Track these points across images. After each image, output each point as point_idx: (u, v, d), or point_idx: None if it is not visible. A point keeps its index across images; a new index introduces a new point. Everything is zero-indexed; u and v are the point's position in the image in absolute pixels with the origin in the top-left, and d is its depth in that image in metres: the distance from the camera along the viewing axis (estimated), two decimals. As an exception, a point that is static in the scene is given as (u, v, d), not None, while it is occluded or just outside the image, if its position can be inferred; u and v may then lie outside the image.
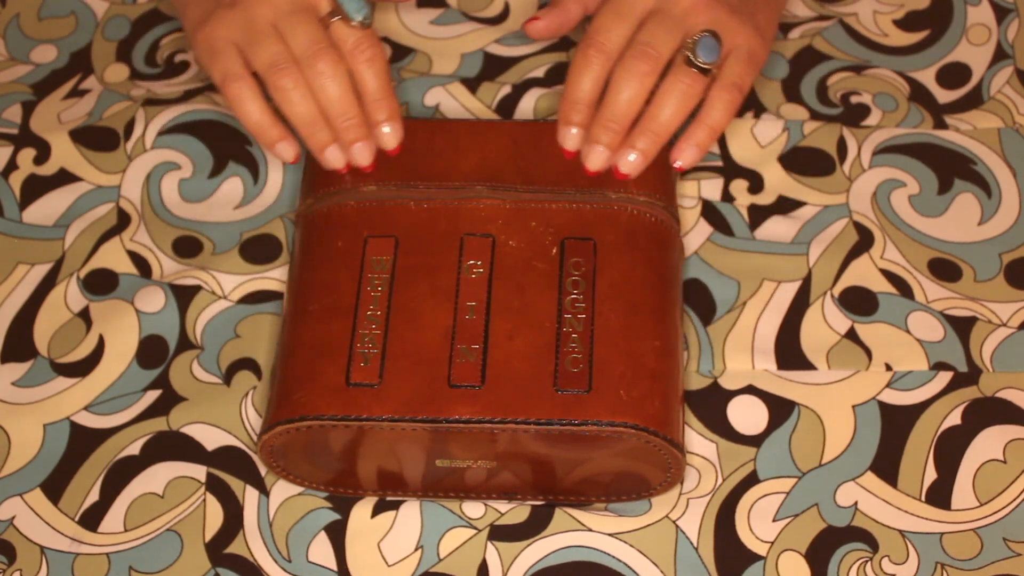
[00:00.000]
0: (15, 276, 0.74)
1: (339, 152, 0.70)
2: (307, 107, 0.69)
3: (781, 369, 0.70)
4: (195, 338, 0.72)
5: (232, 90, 0.69)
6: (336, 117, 0.69)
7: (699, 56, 0.68)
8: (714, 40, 0.68)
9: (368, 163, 0.70)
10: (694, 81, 0.68)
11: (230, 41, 0.69)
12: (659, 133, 0.69)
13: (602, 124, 0.69)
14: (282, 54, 0.68)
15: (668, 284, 0.67)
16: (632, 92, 0.68)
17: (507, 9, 0.83)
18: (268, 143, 0.70)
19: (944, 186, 0.76)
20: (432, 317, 0.65)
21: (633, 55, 0.68)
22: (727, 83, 0.69)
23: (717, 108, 0.69)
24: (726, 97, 0.69)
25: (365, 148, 0.70)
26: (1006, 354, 0.70)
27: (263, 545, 0.66)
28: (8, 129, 0.79)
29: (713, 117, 0.69)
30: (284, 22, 0.69)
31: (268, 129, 0.70)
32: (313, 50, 0.68)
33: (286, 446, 0.64)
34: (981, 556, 0.65)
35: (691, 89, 0.68)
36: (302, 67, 0.68)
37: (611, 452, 0.63)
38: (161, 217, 0.76)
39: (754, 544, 0.65)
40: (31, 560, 0.66)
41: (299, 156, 0.71)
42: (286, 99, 0.69)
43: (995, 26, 0.81)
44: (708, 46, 0.68)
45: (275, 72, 0.68)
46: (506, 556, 0.65)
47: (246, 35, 0.69)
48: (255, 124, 0.70)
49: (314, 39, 0.68)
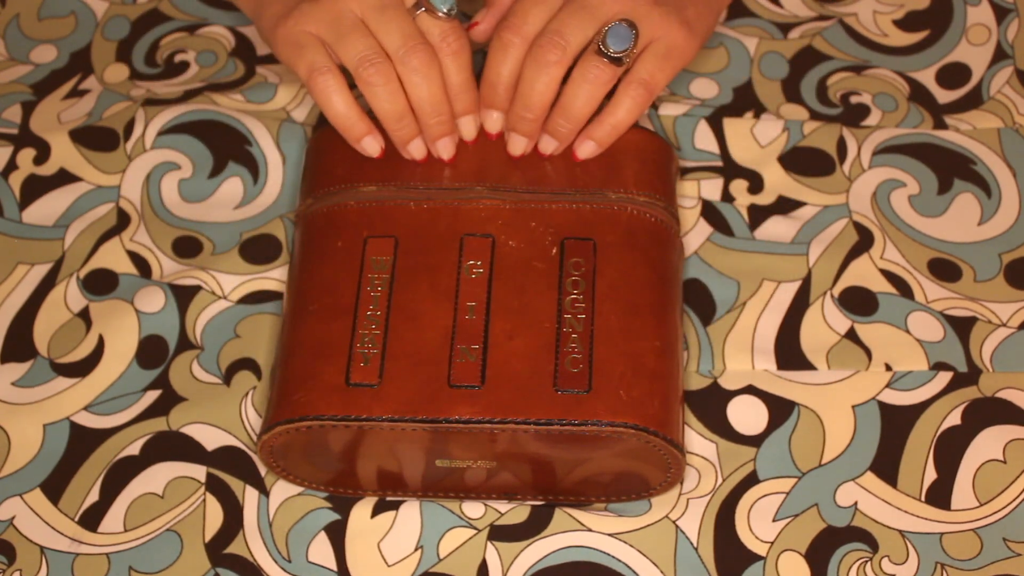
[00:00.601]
0: (15, 276, 0.74)
1: (422, 145, 0.70)
2: (396, 103, 0.68)
3: (781, 369, 0.70)
4: (195, 338, 0.72)
5: (319, 83, 0.68)
6: (427, 115, 0.69)
7: (609, 45, 0.67)
8: (627, 29, 0.68)
9: (450, 156, 0.70)
10: (603, 70, 0.68)
11: (315, 35, 0.69)
12: (570, 122, 0.69)
13: (517, 114, 0.69)
14: (373, 48, 0.68)
15: (668, 284, 0.67)
16: (541, 83, 0.68)
17: (507, 9, 0.83)
18: (355, 138, 0.70)
19: (944, 186, 0.76)
20: (432, 317, 0.65)
21: (541, 44, 0.68)
22: (636, 79, 0.69)
23: (622, 106, 0.69)
24: (632, 93, 0.69)
25: (449, 143, 0.70)
26: (1006, 354, 0.70)
27: (263, 545, 0.66)
28: (8, 129, 0.79)
29: (616, 115, 0.69)
30: (373, 17, 0.68)
31: (355, 123, 0.69)
32: (408, 46, 0.68)
33: (286, 446, 0.64)
34: (981, 556, 0.65)
35: (599, 78, 0.68)
36: (396, 63, 0.68)
37: (611, 452, 0.63)
38: (161, 217, 0.76)
39: (754, 544, 0.65)
40: (31, 560, 0.66)
41: (384, 151, 0.70)
42: (375, 95, 0.68)
43: (995, 26, 0.81)
44: (618, 34, 0.67)
45: (366, 67, 0.68)
46: (506, 556, 0.65)
47: (333, 29, 0.68)
48: (342, 118, 0.69)
49: (408, 34, 0.68)
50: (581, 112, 0.69)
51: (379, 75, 0.68)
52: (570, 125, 0.69)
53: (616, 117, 0.69)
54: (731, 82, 0.79)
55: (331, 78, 0.68)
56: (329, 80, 0.68)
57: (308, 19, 0.69)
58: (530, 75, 0.68)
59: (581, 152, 0.70)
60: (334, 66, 0.69)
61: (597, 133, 0.70)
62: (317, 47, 0.69)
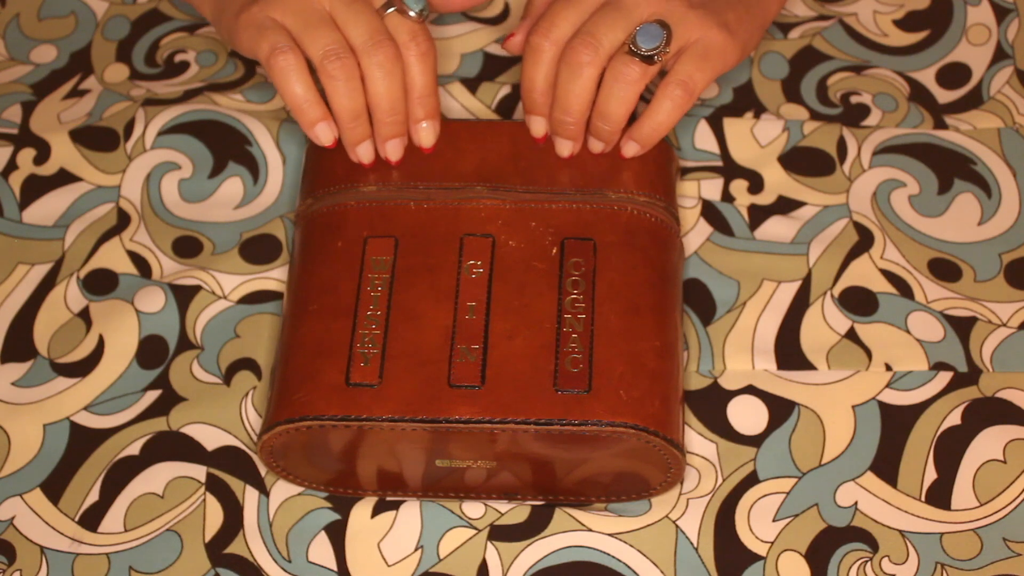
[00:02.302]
0: (15, 276, 0.74)
1: (371, 148, 0.70)
2: (355, 101, 0.68)
3: (781, 369, 0.70)
4: (195, 338, 0.72)
5: (280, 62, 0.67)
6: (383, 112, 0.69)
7: (639, 44, 0.67)
8: (657, 28, 0.67)
9: (398, 159, 0.70)
10: (633, 69, 0.67)
11: (279, 22, 0.68)
12: (608, 123, 0.69)
13: (557, 119, 0.69)
14: (339, 42, 0.67)
15: (668, 284, 0.67)
16: (577, 85, 0.68)
17: (507, 9, 0.83)
18: (309, 122, 0.69)
19: (944, 186, 0.76)
20: (432, 317, 0.65)
21: (573, 45, 0.68)
22: (674, 80, 0.69)
23: (661, 107, 0.69)
24: (670, 94, 0.69)
25: (399, 144, 0.70)
26: (1006, 354, 0.70)
27: (263, 545, 0.66)
28: (8, 129, 0.79)
29: (656, 117, 0.69)
30: (341, 10, 0.68)
31: (311, 107, 0.68)
32: (374, 40, 0.67)
33: (286, 446, 0.64)
34: (981, 556, 0.65)
35: (629, 76, 0.68)
36: (360, 56, 0.68)
37: (611, 452, 0.63)
38: (161, 217, 0.76)
39: (754, 544, 0.65)
40: (31, 560, 0.66)
41: (336, 141, 0.70)
42: (336, 89, 0.67)
43: (995, 26, 0.81)
44: (648, 33, 0.67)
45: (331, 60, 0.67)
46: (506, 556, 0.65)
47: (300, 20, 0.68)
48: (299, 99, 0.68)
49: (375, 30, 0.68)
50: (617, 112, 0.68)
51: (342, 70, 0.67)
52: (609, 126, 0.69)
53: (656, 119, 0.69)
54: (731, 82, 0.79)
55: (292, 57, 0.67)
56: (290, 59, 0.67)
57: (275, 7, 0.68)
58: (565, 79, 0.68)
59: (626, 152, 0.71)
60: (296, 48, 0.68)
61: (638, 134, 0.70)
62: (280, 31, 0.68)
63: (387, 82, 0.68)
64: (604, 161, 0.71)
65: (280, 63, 0.67)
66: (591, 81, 0.68)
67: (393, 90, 0.68)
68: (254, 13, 0.69)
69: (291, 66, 0.67)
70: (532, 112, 0.70)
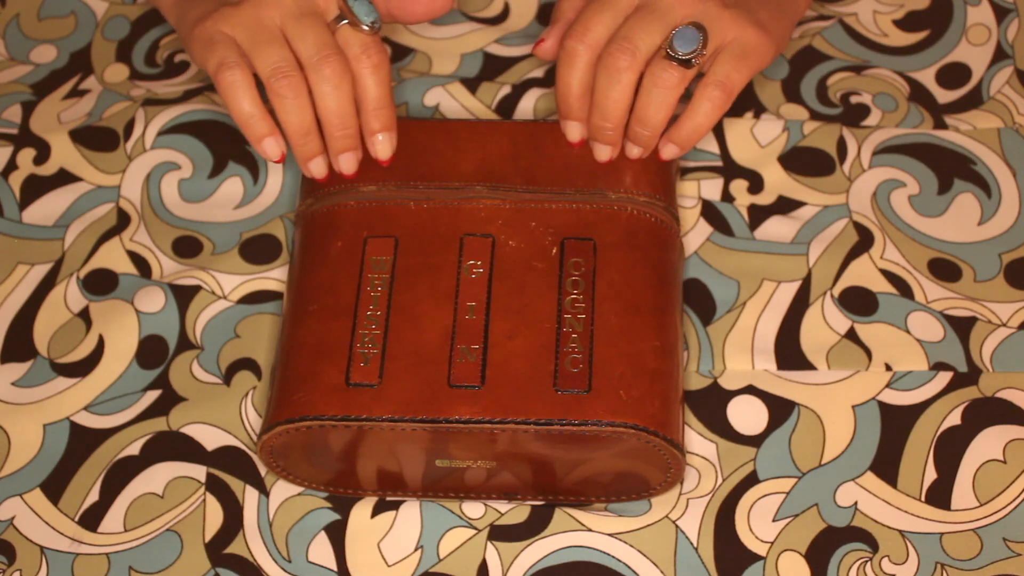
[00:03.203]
0: (15, 276, 0.74)
1: (324, 163, 0.70)
2: (304, 118, 0.68)
3: (781, 369, 0.70)
4: (195, 338, 0.72)
5: (227, 77, 0.67)
6: (333, 127, 0.68)
7: (676, 48, 0.67)
8: (694, 31, 0.67)
9: (352, 172, 0.70)
10: (671, 74, 0.67)
11: (230, 37, 0.68)
12: (647, 128, 0.69)
13: (596, 124, 0.69)
14: (287, 60, 0.67)
15: (668, 284, 0.67)
16: (615, 91, 0.68)
17: (507, 9, 0.83)
18: (256, 137, 0.68)
19: (944, 186, 0.76)
20: (432, 317, 0.65)
21: (610, 50, 0.68)
22: (712, 81, 0.68)
23: (700, 109, 0.69)
24: (709, 95, 0.68)
25: (352, 158, 0.70)
26: (1006, 354, 0.70)
27: (263, 545, 0.66)
28: (8, 129, 0.79)
29: (695, 119, 0.69)
30: (291, 25, 0.68)
31: (257, 122, 0.68)
32: (322, 55, 0.67)
33: (286, 446, 0.64)
34: (981, 556, 0.65)
35: (668, 81, 0.67)
36: (307, 71, 0.68)
37: (611, 452, 0.63)
38: (161, 217, 0.76)
39: (754, 544, 0.65)
40: (31, 560, 0.66)
41: (284, 156, 0.69)
42: (284, 107, 0.67)
43: (995, 26, 0.81)
44: (685, 36, 0.67)
45: (278, 79, 0.67)
46: (506, 556, 0.65)
47: (251, 36, 0.68)
48: (245, 116, 0.68)
49: (323, 43, 0.67)
50: (656, 117, 0.68)
51: (290, 88, 0.67)
52: (648, 131, 0.69)
53: (695, 120, 0.69)
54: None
55: (239, 73, 0.67)
56: (237, 75, 0.67)
57: (227, 21, 0.68)
58: (603, 84, 0.68)
59: (664, 154, 0.71)
60: (244, 63, 0.68)
61: (678, 136, 0.70)
62: (230, 46, 0.68)
63: (335, 96, 0.67)
64: (604, 161, 0.71)
65: (227, 79, 0.67)
66: (630, 86, 0.68)
67: (342, 104, 0.68)
68: (207, 27, 0.69)
69: (237, 82, 0.67)
70: (568, 117, 0.70)
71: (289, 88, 0.67)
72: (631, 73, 0.67)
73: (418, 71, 0.80)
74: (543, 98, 0.78)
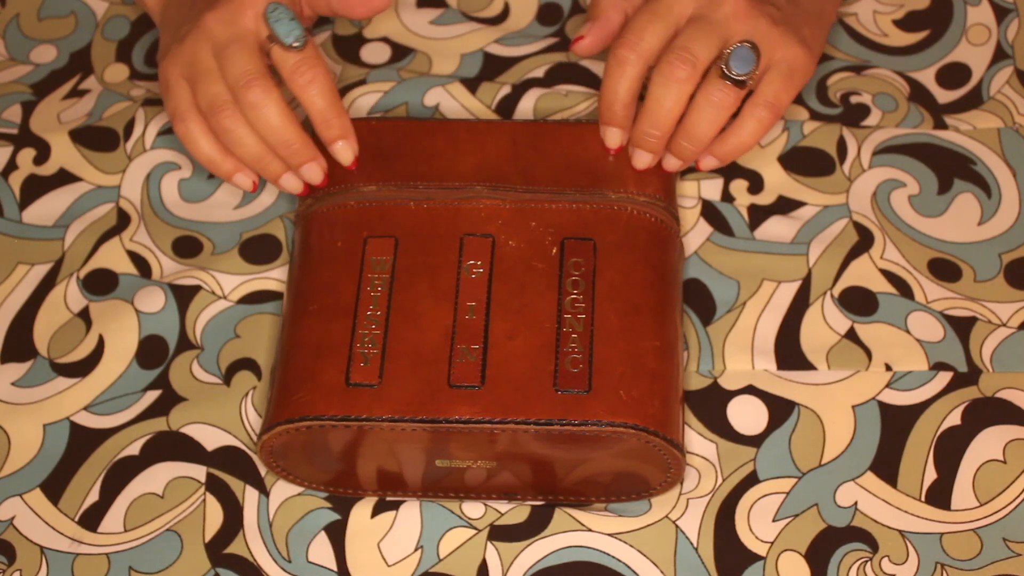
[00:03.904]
0: (15, 276, 0.74)
1: (294, 178, 0.71)
2: (252, 143, 0.69)
3: (781, 369, 0.70)
4: (195, 338, 0.72)
5: (180, 130, 0.69)
6: (278, 146, 0.69)
7: (732, 68, 0.67)
8: (750, 52, 0.68)
9: (319, 181, 0.70)
10: (727, 94, 0.68)
11: (181, 77, 0.70)
12: (694, 144, 0.69)
13: (644, 131, 0.69)
14: (220, 95, 0.68)
15: (668, 284, 0.67)
16: (671, 100, 0.68)
17: (507, 9, 0.83)
18: (225, 176, 0.70)
19: (944, 186, 0.76)
20: (432, 317, 0.65)
21: (670, 60, 0.67)
22: (762, 101, 0.69)
23: (746, 127, 0.69)
24: (758, 115, 0.69)
25: (312, 168, 0.70)
26: (1006, 354, 0.70)
27: (263, 545, 0.66)
28: (8, 129, 0.79)
29: (741, 136, 0.70)
30: (222, 55, 0.68)
31: (220, 164, 0.70)
32: (243, 83, 0.67)
33: (286, 446, 0.64)
34: (981, 556, 0.65)
35: (723, 102, 0.68)
36: (236, 102, 0.68)
37: (611, 452, 0.63)
38: (161, 217, 0.76)
39: (754, 544, 0.65)
40: (31, 560, 0.66)
41: (257, 184, 0.71)
42: (231, 140, 0.68)
43: (995, 26, 0.81)
44: (742, 57, 0.68)
45: (215, 114, 0.68)
46: (506, 556, 0.65)
47: (191, 72, 0.69)
48: (206, 160, 0.70)
49: (244, 71, 0.68)
50: (705, 135, 0.69)
51: (229, 120, 0.68)
52: (693, 147, 0.69)
53: (740, 138, 0.70)
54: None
55: (191, 125, 0.69)
56: (190, 127, 0.69)
57: (174, 61, 0.70)
58: (659, 92, 0.68)
59: (704, 166, 0.71)
60: (195, 110, 0.69)
61: (721, 151, 0.71)
62: (181, 90, 0.69)
63: (264, 120, 0.68)
64: (604, 161, 0.71)
65: (180, 131, 0.69)
66: (685, 97, 0.68)
67: (274, 126, 0.68)
68: (164, 68, 0.70)
69: (190, 132, 0.69)
70: (611, 124, 0.70)
71: (228, 120, 0.68)
72: (689, 84, 0.68)
73: (418, 71, 0.80)
74: (543, 98, 0.78)
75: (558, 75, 0.79)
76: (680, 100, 0.68)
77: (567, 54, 0.80)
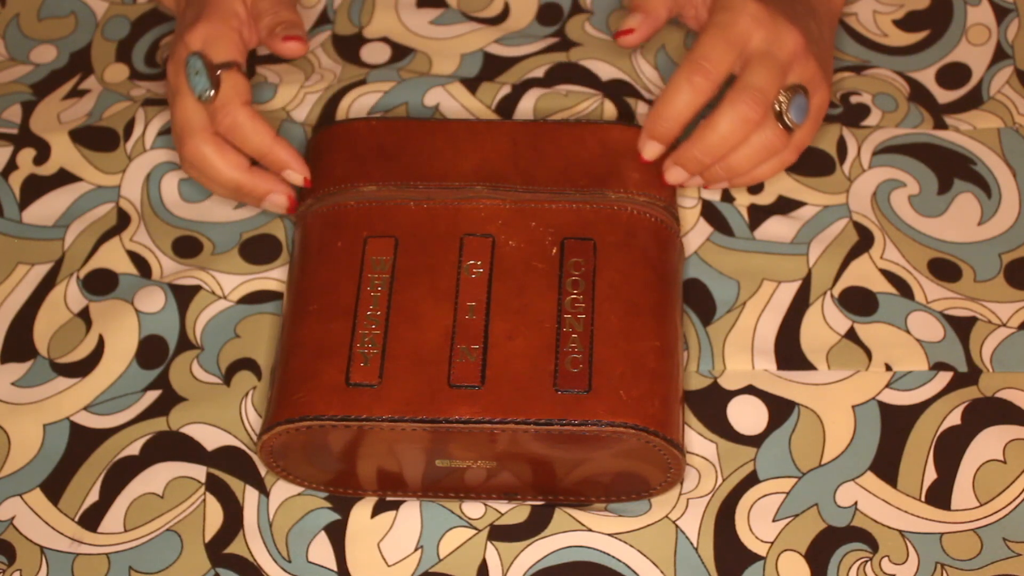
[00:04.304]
0: (15, 276, 0.74)
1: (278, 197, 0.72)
2: (219, 187, 0.72)
3: (781, 369, 0.70)
4: (195, 338, 0.72)
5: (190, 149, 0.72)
6: (230, 195, 0.72)
7: (792, 117, 0.69)
8: (806, 101, 0.69)
9: (286, 208, 0.72)
10: (779, 137, 0.70)
11: None
12: (729, 175, 0.71)
13: (694, 156, 0.70)
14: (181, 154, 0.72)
15: (668, 284, 0.67)
16: (735, 136, 0.69)
17: (507, 9, 0.83)
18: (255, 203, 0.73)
19: (944, 186, 0.76)
20: (432, 317, 0.65)
21: (745, 99, 0.68)
22: (794, 145, 0.71)
23: (771, 165, 0.72)
24: (785, 157, 0.72)
25: (278, 196, 0.72)
26: (1006, 354, 0.70)
27: (263, 545, 0.66)
28: (8, 129, 0.79)
29: (763, 173, 0.72)
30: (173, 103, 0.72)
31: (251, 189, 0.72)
32: (177, 142, 0.72)
33: (286, 446, 0.64)
34: (981, 556, 0.65)
35: (774, 145, 0.70)
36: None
37: (611, 452, 0.63)
38: (161, 217, 0.76)
39: (754, 544, 0.65)
40: (31, 560, 0.66)
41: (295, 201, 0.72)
42: (205, 187, 0.73)
43: (995, 26, 0.81)
44: (800, 107, 0.69)
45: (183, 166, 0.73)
46: (506, 556, 0.65)
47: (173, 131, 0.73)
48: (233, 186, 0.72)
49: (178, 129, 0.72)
50: (744, 169, 0.71)
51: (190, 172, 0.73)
52: (728, 177, 0.71)
53: (761, 173, 0.72)
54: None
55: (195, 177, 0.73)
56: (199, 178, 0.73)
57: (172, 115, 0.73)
58: (725, 126, 0.69)
59: (713, 186, 0.73)
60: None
61: (739, 181, 0.72)
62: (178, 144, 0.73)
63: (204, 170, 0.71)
64: (604, 161, 0.71)
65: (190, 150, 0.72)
66: (748, 136, 0.69)
67: (214, 175, 0.71)
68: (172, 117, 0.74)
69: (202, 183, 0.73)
70: (654, 138, 0.71)
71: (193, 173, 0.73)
72: (756, 126, 0.69)
73: (418, 71, 0.80)
74: (543, 98, 0.78)
75: (558, 75, 0.79)
76: (742, 137, 0.69)
77: (567, 54, 0.80)
